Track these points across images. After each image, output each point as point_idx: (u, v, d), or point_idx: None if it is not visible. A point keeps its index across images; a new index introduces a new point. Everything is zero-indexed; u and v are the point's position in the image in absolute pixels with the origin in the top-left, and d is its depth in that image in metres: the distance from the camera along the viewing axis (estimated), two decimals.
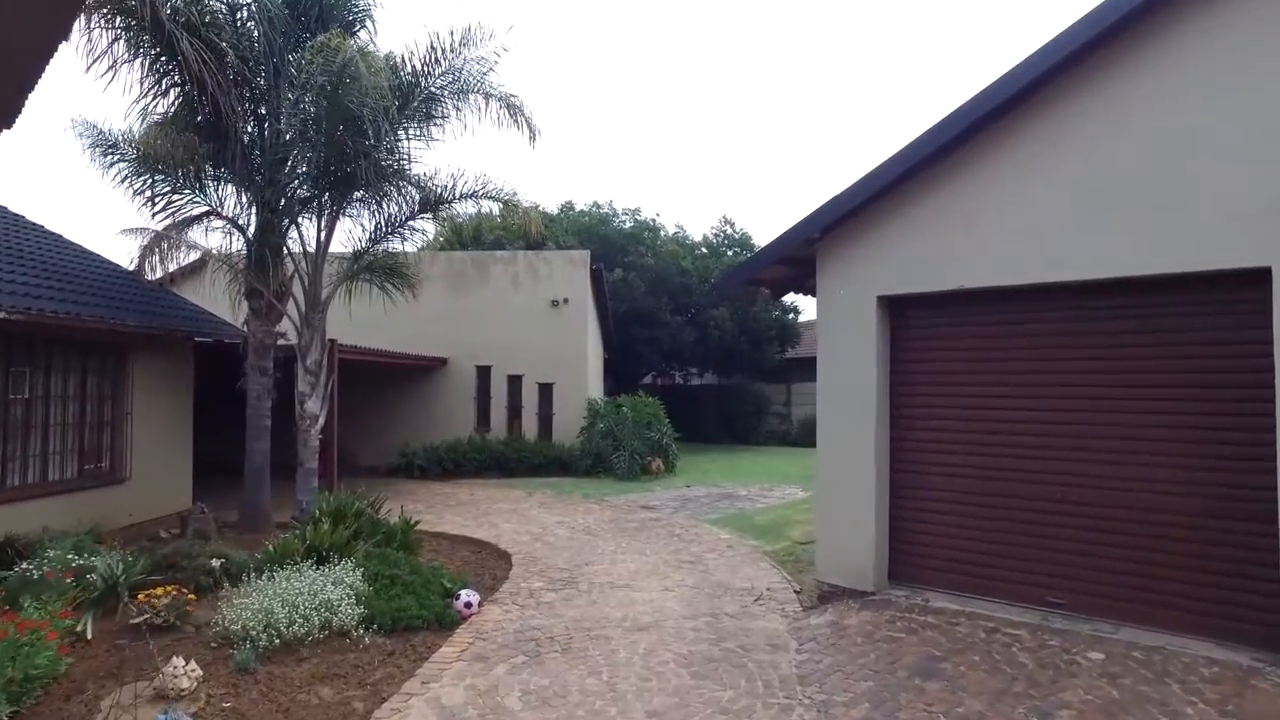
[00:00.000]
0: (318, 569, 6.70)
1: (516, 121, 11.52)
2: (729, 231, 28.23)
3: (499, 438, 18.03)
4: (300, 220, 10.60)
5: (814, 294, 8.22)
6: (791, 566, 8.83)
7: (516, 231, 26.60)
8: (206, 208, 9.08)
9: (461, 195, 11.14)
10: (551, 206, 28.20)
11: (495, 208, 12.06)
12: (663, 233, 26.86)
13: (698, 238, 28.06)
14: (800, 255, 7.08)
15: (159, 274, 11.35)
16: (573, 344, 18.48)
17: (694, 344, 24.72)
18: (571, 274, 18.62)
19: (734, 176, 70.98)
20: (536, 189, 66.51)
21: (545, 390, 18.53)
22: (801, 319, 28.68)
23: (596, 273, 19.07)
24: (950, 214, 6.06)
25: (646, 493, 14.84)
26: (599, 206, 27.22)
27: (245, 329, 10.77)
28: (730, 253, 27.29)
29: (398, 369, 18.08)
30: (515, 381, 18.59)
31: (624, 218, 26.89)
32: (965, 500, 6.27)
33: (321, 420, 10.37)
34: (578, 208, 27.55)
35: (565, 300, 18.43)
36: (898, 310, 6.64)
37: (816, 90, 75.75)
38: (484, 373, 18.64)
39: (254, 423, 10.51)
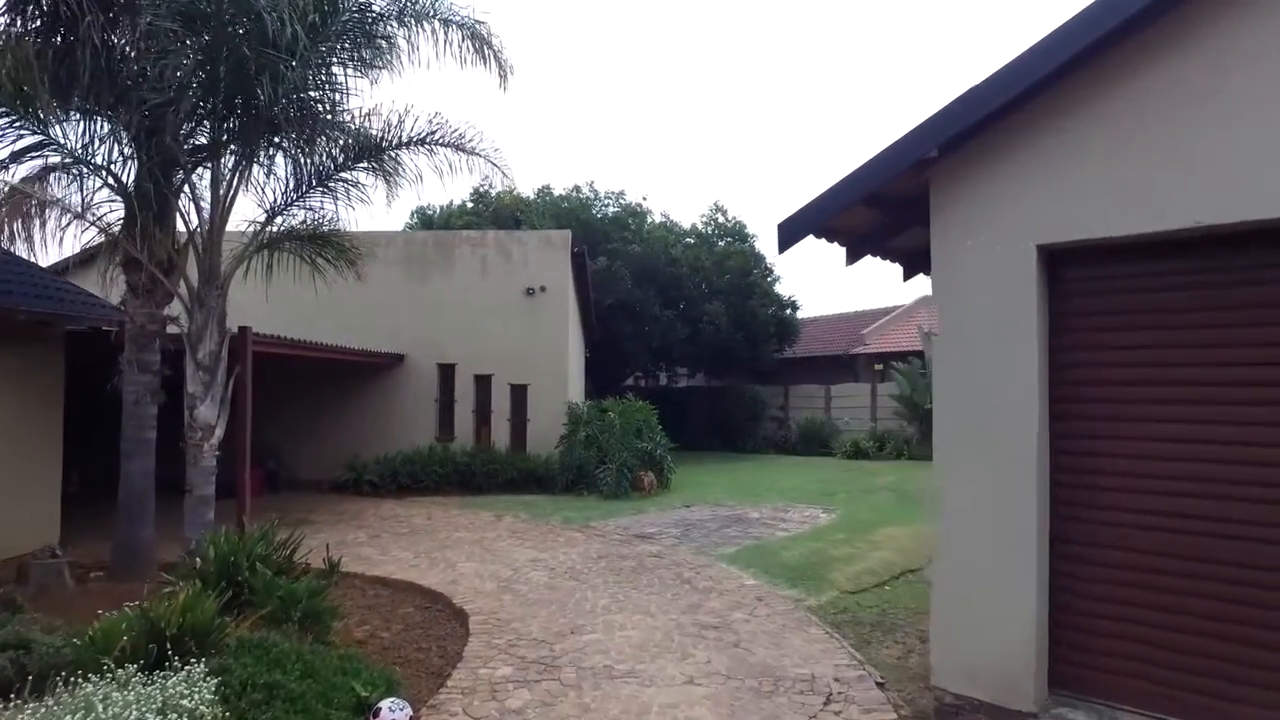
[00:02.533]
0: (149, 676, 4.19)
1: (483, 56, 9.12)
2: (721, 220, 25.89)
3: (464, 448, 15.50)
4: (199, 167, 8.09)
5: (900, 260, 5.88)
6: (853, 633, 6.47)
7: (488, 216, 24.22)
8: (37, 137, 6.51)
9: (411, 140, 8.66)
10: (527, 190, 25.72)
11: (466, 185, 9.63)
12: (650, 218, 24.47)
13: (686, 227, 25.69)
14: (899, 191, 4.71)
15: (49, 255, 8.81)
16: (551, 339, 16.01)
17: (685, 341, 22.33)
18: (550, 258, 16.15)
19: (723, 165, 68.83)
20: (515, 174, 63.87)
21: (519, 393, 16.02)
22: (801, 315, 26.47)
23: (579, 256, 16.62)
24: (1179, 109, 3.70)
25: (639, 515, 12.42)
26: (579, 190, 24.76)
27: (123, 310, 8.22)
28: (723, 243, 24.95)
29: (345, 367, 15.49)
30: (484, 382, 16.07)
31: (607, 201, 24.45)
32: (1182, 568, 3.92)
33: (219, 431, 7.83)
34: (556, 192, 25.08)
35: (542, 288, 15.93)
36: (1064, 269, 4.28)
37: (809, 76, 73.87)
38: (447, 372, 16.10)
39: (132, 435, 7.96)
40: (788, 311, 25.48)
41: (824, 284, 58.88)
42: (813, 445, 23.58)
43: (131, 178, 7.65)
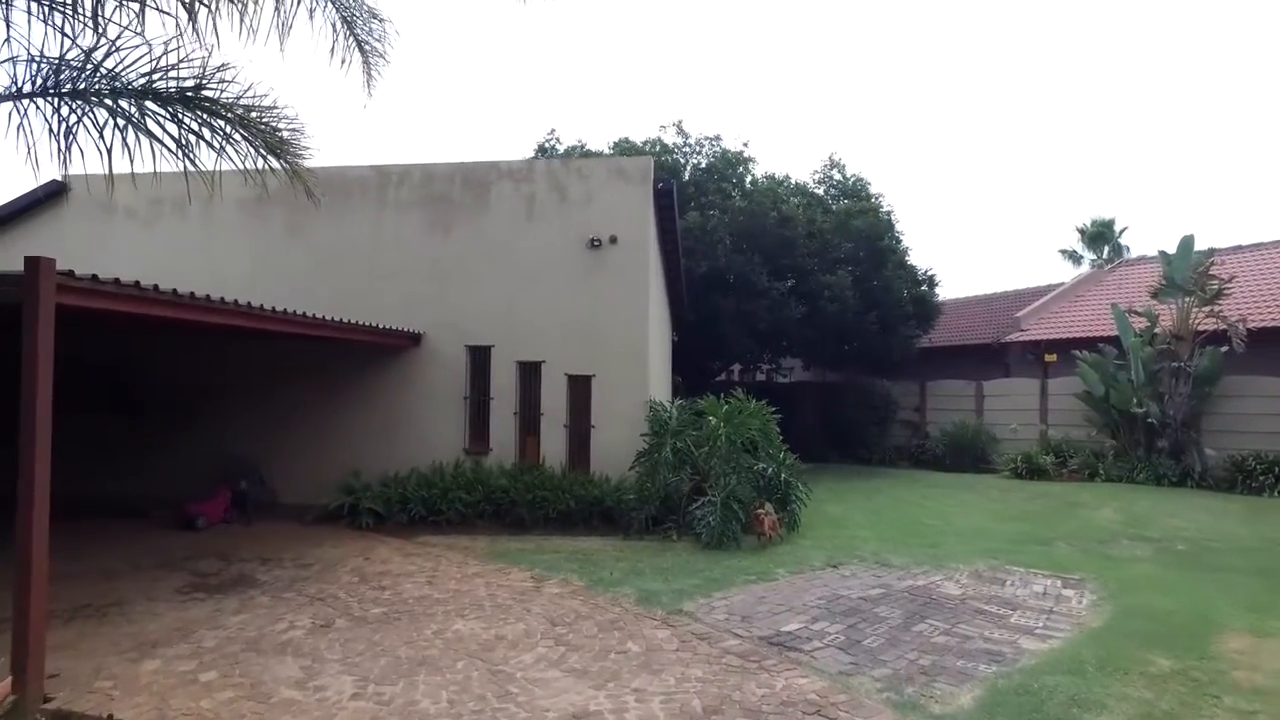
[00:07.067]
0: None
1: None
2: (838, 177, 20.77)
3: (503, 465, 11.06)
4: None
5: None
6: None
7: None
8: None
9: None
10: (601, 144, 21.21)
11: None
12: (753, 168, 19.58)
13: (794, 184, 20.64)
14: None
15: None
16: (626, 311, 11.33)
17: (800, 322, 17.34)
18: (623, 196, 11.45)
19: (831, 115, 62.45)
20: (588, 129, 59.65)
21: (580, 388, 11.44)
22: (939, 294, 21.09)
23: (664, 195, 11.89)
24: None
25: (762, 584, 7.67)
26: (663, 138, 19.98)
27: None
28: (840, 204, 19.84)
29: (339, 351, 11.26)
30: (531, 373, 11.55)
31: (699, 148, 19.66)
32: None
33: None
34: (637, 143, 20.42)
35: (613, 239, 11.28)
36: None
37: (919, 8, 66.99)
38: (480, 358, 11.64)
39: None
40: (924, 288, 20.20)
41: (950, 261, 51.85)
42: (964, 458, 18.24)
43: None
